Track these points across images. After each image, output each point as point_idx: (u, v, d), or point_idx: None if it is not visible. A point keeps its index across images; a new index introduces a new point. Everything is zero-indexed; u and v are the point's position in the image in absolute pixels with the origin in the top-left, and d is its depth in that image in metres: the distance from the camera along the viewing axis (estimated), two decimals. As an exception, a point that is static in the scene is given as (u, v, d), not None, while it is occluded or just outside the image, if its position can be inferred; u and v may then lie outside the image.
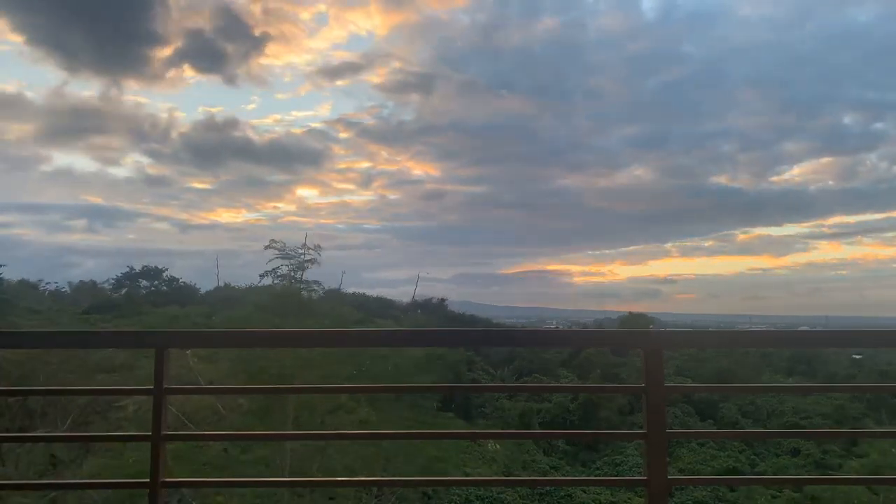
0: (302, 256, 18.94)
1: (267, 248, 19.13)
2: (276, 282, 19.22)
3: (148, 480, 2.43)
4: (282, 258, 19.08)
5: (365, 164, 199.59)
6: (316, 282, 20.27)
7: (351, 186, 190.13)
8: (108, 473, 13.07)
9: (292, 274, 19.09)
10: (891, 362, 40.80)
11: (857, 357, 45.34)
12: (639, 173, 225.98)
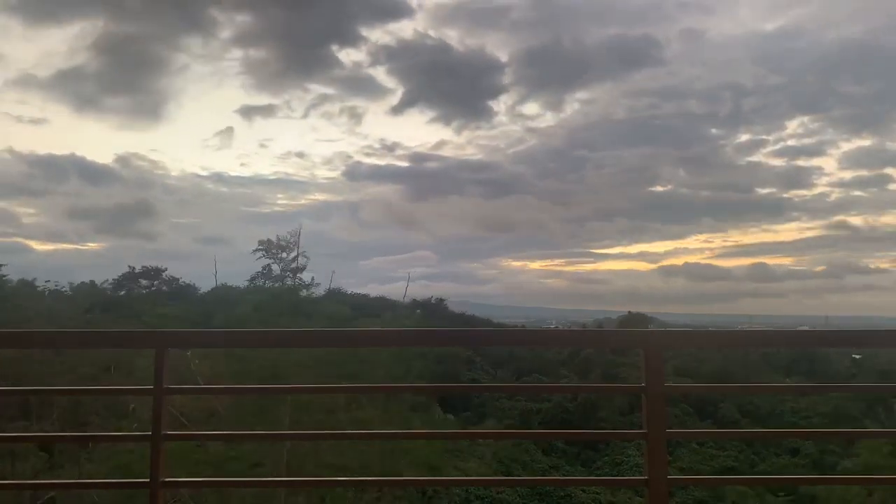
0: (293, 257, 18.95)
1: (256, 250, 19.13)
2: (268, 283, 19.21)
3: (148, 480, 2.43)
4: (270, 259, 19.08)
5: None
6: (314, 282, 20.26)
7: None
8: (108, 473, 13.07)
9: (284, 274, 19.10)
10: (891, 362, 40.79)
11: (857, 357, 45.31)
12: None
